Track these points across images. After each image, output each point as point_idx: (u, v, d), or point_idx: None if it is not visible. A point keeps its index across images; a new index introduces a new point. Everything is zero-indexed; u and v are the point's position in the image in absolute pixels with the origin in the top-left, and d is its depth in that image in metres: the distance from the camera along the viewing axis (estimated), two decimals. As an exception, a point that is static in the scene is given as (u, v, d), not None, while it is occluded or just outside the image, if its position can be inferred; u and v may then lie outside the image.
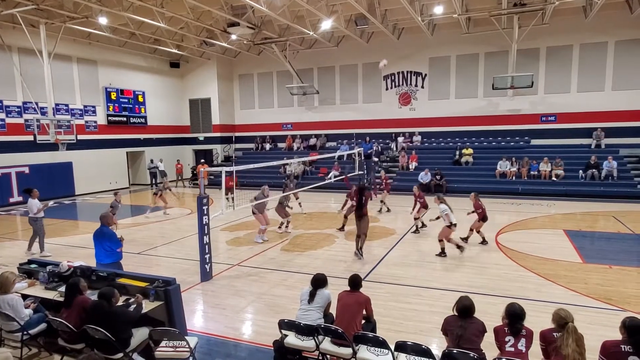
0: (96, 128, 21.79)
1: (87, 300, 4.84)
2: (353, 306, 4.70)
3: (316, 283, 5.00)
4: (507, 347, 3.88)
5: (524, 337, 3.88)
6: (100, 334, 4.34)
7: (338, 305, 4.77)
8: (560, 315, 3.85)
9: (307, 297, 4.93)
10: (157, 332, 4.59)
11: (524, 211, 14.39)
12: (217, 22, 18.82)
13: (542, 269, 8.26)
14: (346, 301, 4.75)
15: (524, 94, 20.00)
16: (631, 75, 18.50)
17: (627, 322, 3.76)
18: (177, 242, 11.19)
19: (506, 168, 18.70)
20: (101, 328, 4.34)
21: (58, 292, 5.50)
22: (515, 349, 3.84)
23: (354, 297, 4.78)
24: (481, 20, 19.09)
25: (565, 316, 3.81)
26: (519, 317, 3.94)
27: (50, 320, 4.89)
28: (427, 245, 10.34)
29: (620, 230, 11.62)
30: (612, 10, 17.69)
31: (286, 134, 25.63)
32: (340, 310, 4.71)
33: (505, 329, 3.96)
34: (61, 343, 4.87)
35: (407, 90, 22.57)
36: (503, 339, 3.93)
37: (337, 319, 4.74)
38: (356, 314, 4.67)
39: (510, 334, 3.90)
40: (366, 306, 4.80)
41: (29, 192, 10.17)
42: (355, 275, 5.00)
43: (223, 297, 7.24)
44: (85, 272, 5.74)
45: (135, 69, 23.95)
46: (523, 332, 3.90)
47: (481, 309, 4.27)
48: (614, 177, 17.04)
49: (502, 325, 4.03)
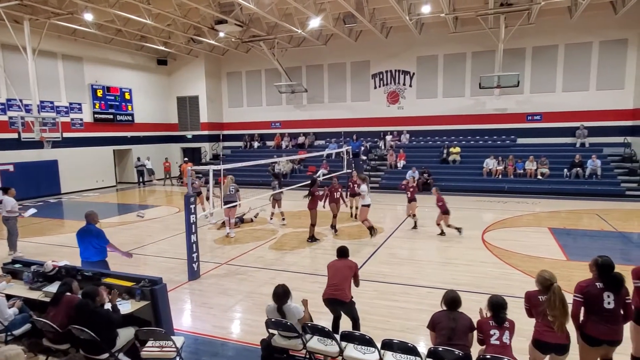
0: (82, 126, 21.49)
1: (75, 298, 4.79)
2: (344, 269, 5.29)
3: (279, 298, 4.61)
4: (493, 340, 3.93)
5: (507, 330, 3.95)
6: (86, 334, 4.31)
7: (330, 269, 5.34)
8: (544, 277, 3.96)
9: (277, 316, 4.62)
10: (143, 332, 4.57)
11: (510, 209, 14.57)
12: (205, 19, 18.70)
13: (526, 267, 8.38)
14: (337, 265, 5.35)
15: (510, 93, 20.23)
16: (615, 75, 18.84)
17: (599, 261, 4.01)
18: (164, 241, 11.12)
19: (493, 166, 18.91)
20: (86, 328, 4.30)
21: (43, 292, 5.44)
22: (500, 342, 3.91)
23: (344, 262, 5.41)
24: (468, 20, 19.25)
25: (550, 277, 3.92)
26: (502, 307, 4.01)
27: (34, 320, 4.83)
28: (414, 243, 10.44)
29: (604, 228, 11.84)
30: (596, 10, 17.97)
31: (275, 133, 25.58)
32: (333, 272, 5.27)
33: (490, 322, 4.01)
34: (46, 343, 4.81)
35: (395, 89, 22.68)
36: (488, 332, 3.98)
37: (329, 278, 5.26)
38: (347, 275, 5.25)
39: (495, 327, 3.96)
40: (355, 270, 5.36)
41: (5, 191, 10.05)
42: (343, 246, 5.66)
43: (210, 296, 7.23)
44: (71, 272, 5.69)
45: (122, 66, 23.67)
46: (506, 324, 3.97)
47: (467, 306, 4.32)
48: (597, 175, 17.35)
49: (485, 318, 4.09)
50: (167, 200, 18.74)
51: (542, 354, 3.97)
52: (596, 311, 3.89)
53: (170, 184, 23.77)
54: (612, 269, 3.95)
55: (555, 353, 3.92)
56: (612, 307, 3.85)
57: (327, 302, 5.25)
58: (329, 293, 5.18)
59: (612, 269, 3.95)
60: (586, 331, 3.97)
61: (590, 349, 3.99)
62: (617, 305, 3.86)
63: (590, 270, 4.12)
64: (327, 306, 5.31)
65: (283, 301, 4.62)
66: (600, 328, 3.87)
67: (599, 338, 3.89)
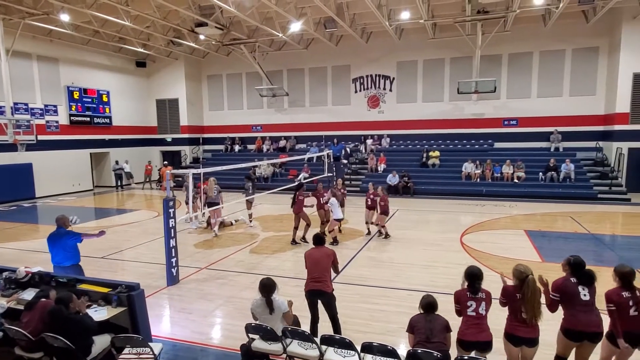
0: (58, 128, 20.99)
1: (49, 303, 4.68)
2: (323, 258, 5.47)
3: (266, 289, 4.70)
4: (470, 311, 4.18)
5: (483, 301, 4.19)
6: (59, 342, 4.21)
7: (309, 260, 5.50)
8: (519, 270, 4.14)
9: (264, 308, 4.70)
10: (120, 339, 4.49)
11: (488, 212, 14.85)
12: (185, 21, 18.53)
13: (504, 269, 8.48)
14: (316, 255, 5.51)
15: (487, 99, 20.67)
16: (587, 81, 19.44)
17: (571, 260, 4.30)
18: (143, 246, 10.94)
19: (471, 170, 19.25)
20: (60, 335, 4.21)
21: (15, 300, 5.29)
22: (476, 313, 4.17)
23: (322, 251, 5.57)
24: (446, 27, 19.60)
25: (525, 270, 4.12)
26: (477, 277, 4.25)
27: (6, 329, 4.70)
28: (393, 247, 10.53)
29: (577, 230, 12.17)
30: (569, 19, 18.53)
31: (256, 136, 25.48)
32: (313, 263, 5.44)
33: (467, 293, 4.24)
34: (18, 352, 4.68)
35: (376, 93, 22.89)
36: (465, 303, 4.21)
37: (309, 270, 5.44)
38: (327, 266, 5.47)
39: (472, 299, 4.19)
40: (333, 258, 5.57)
41: None
42: (318, 234, 5.94)
43: (190, 301, 7.15)
44: (44, 278, 5.55)
45: (100, 67, 23.24)
46: (482, 296, 4.20)
47: (445, 308, 4.41)
48: (571, 179, 17.84)
49: (463, 289, 4.31)
50: (146, 204, 18.44)
51: (514, 347, 4.16)
52: (574, 304, 4.13)
53: (150, 188, 23.40)
54: (584, 267, 4.20)
55: (526, 345, 4.12)
56: (588, 299, 4.10)
57: (310, 294, 5.38)
58: (312, 285, 5.35)
59: (583, 267, 4.20)
60: (568, 325, 4.17)
61: (569, 343, 4.19)
62: (592, 297, 4.11)
63: (563, 270, 4.38)
64: (309, 298, 5.41)
65: (271, 292, 4.73)
66: (580, 319, 4.09)
67: (580, 330, 4.09)
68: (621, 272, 4.12)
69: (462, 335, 4.18)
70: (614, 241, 11.34)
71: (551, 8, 16.82)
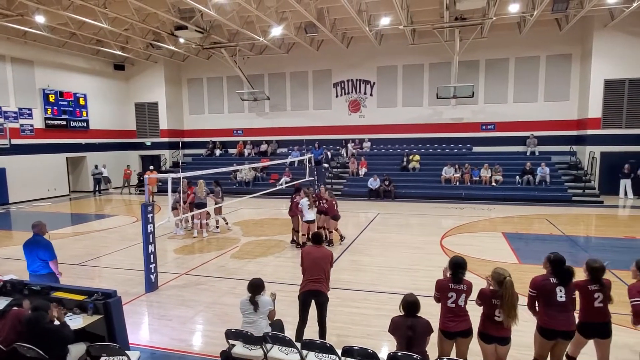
0: (32, 132, 20.45)
1: (22, 312, 4.54)
2: (322, 259, 5.44)
3: (254, 289, 4.85)
4: (449, 302, 4.31)
5: (464, 292, 4.31)
6: (33, 352, 4.10)
7: (308, 258, 5.44)
8: (498, 272, 4.24)
9: (249, 305, 4.82)
10: (96, 348, 4.40)
11: (467, 215, 15.08)
12: (164, 24, 18.32)
13: (482, 271, 8.66)
14: (315, 254, 5.46)
15: (465, 104, 21.04)
16: (560, 87, 20.01)
17: (551, 257, 4.41)
18: (121, 252, 10.73)
19: (450, 174, 19.53)
20: (36, 345, 4.09)
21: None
22: (456, 305, 4.30)
23: (321, 251, 5.54)
24: (425, 33, 19.90)
25: (503, 273, 4.21)
26: (460, 267, 4.37)
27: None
28: (374, 250, 10.59)
29: (553, 232, 12.46)
30: (543, 27, 19.06)
31: (237, 140, 25.34)
32: (312, 262, 5.39)
33: (449, 284, 4.35)
34: (-12, 364, 4.54)
35: (357, 98, 23.05)
36: (446, 293, 4.34)
37: (308, 270, 5.38)
38: (325, 265, 5.43)
39: (453, 290, 4.31)
40: (331, 259, 5.55)
41: None
42: (317, 232, 5.91)
43: (169, 308, 7.04)
44: (17, 286, 5.39)
45: (76, 70, 22.78)
46: (463, 287, 4.32)
47: (426, 310, 4.45)
48: (547, 182, 18.29)
49: (445, 279, 4.43)
50: (125, 210, 18.10)
51: (487, 344, 4.28)
52: (550, 304, 4.27)
53: (129, 193, 22.99)
54: (564, 263, 4.34)
55: (498, 344, 4.25)
56: (564, 300, 4.24)
57: (307, 294, 5.32)
58: (310, 285, 5.31)
59: (563, 263, 4.34)
60: (542, 324, 4.31)
61: (545, 341, 4.33)
62: (568, 298, 4.25)
63: (544, 267, 4.50)
64: (305, 299, 5.34)
65: (258, 292, 4.83)
66: (555, 319, 4.23)
67: (554, 329, 4.23)
68: (591, 267, 4.35)
69: (444, 326, 4.33)
70: (588, 242, 11.65)
71: (526, 16, 17.27)
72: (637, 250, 10.54)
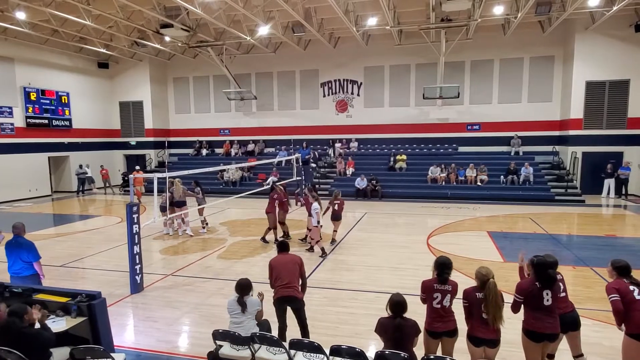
0: (13, 131, 20.01)
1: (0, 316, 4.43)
2: (290, 264, 5.31)
3: (242, 289, 4.81)
4: (435, 303, 4.34)
5: (449, 293, 4.34)
6: (14, 355, 4.00)
7: (276, 266, 5.31)
8: (481, 273, 4.25)
9: (237, 306, 4.79)
10: (80, 351, 4.32)
11: (453, 214, 15.23)
12: (150, 22, 18.11)
13: (468, 269, 8.76)
14: (283, 262, 5.34)
15: (451, 104, 21.25)
16: (543, 88, 20.35)
17: (534, 260, 4.39)
18: (105, 253, 10.57)
19: (437, 174, 19.71)
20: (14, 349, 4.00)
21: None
22: (441, 306, 4.34)
23: (288, 257, 5.43)
24: (412, 33, 20.03)
25: (487, 273, 4.22)
26: (446, 267, 4.40)
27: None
28: (362, 250, 10.62)
29: (536, 230, 12.67)
30: (527, 29, 19.34)
31: (224, 140, 25.17)
32: (280, 269, 5.26)
33: (434, 285, 4.38)
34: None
35: (344, 98, 23.10)
36: (432, 294, 4.36)
37: (278, 278, 5.24)
38: (295, 272, 5.29)
39: (438, 290, 4.34)
40: (300, 264, 5.39)
41: None
42: (283, 240, 5.77)
43: (155, 309, 6.96)
44: (-3, 290, 5.26)
45: (59, 68, 22.36)
46: (448, 288, 4.35)
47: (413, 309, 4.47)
48: (530, 182, 18.58)
49: (431, 279, 4.46)
50: (109, 210, 17.84)
51: (475, 347, 4.30)
52: (537, 308, 4.28)
53: (112, 193, 22.65)
54: (547, 267, 4.35)
55: (487, 346, 4.26)
56: (550, 304, 4.27)
57: (281, 301, 5.26)
58: (282, 292, 5.23)
59: (547, 267, 4.35)
60: (529, 327, 4.33)
61: (534, 345, 4.34)
62: (554, 301, 4.28)
63: (528, 269, 4.56)
64: (279, 306, 5.30)
65: (246, 292, 4.81)
66: (542, 323, 4.26)
67: (541, 332, 4.26)
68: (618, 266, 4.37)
69: (430, 326, 4.37)
70: (570, 241, 11.87)
71: (510, 18, 17.52)
72: (617, 248, 10.78)
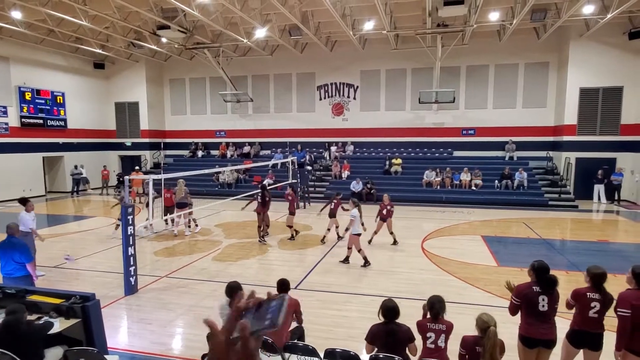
0: (7, 130, 19.89)
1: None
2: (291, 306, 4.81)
3: (231, 292, 4.67)
4: (429, 343, 4.18)
5: (443, 333, 4.17)
6: (7, 357, 3.99)
7: None
8: (482, 319, 4.05)
9: (228, 309, 4.70)
10: (73, 352, 4.30)
11: (447, 218, 15.30)
12: (146, 23, 18.08)
13: (462, 273, 8.84)
14: None
15: (447, 109, 21.36)
16: (538, 94, 20.52)
17: (535, 265, 4.38)
18: (100, 254, 10.53)
19: (432, 178, 19.78)
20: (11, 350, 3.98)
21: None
22: (435, 346, 4.14)
23: None
24: (408, 38, 20.15)
25: (487, 320, 4.01)
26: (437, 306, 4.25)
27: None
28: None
29: (530, 235, 12.75)
30: (522, 35, 19.52)
31: (219, 142, 25.15)
32: None
33: (427, 324, 4.23)
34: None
35: (340, 101, 23.17)
36: (425, 334, 4.20)
37: None
38: (288, 320, 4.67)
39: (432, 330, 4.18)
40: (295, 310, 4.94)
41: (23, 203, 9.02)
42: (284, 279, 5.10)
43: (149, 311, 6.94)
44: (-9, 290, 5.24)
45: (55, 68, 22.27)
46: (443, 327, 4.18)
47: (407, 312, 4.50)
48: (524, 187, 18.69)
49: (424, 319, 4.33)
50: (104, 211, 17.74)
51: None
52: (532, 313, 4.28)
53: (107, 194, 22.54)
54: (548, 271, 4.35)
55: None
56: (546, 310, 4.25)
57: None
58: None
59: (547, 271, 4.35)
60: (524, 333, 4.34)
61: (528, 351, 4.35)
62: (550, 308, 4.26)
63: (529, 275, 4.49)
64: None
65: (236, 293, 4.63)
66: (536, 328, 4.25)
67: (535, 338, 4.26)
68: (593, 274, 4.31)
69: None
70: (564, 246, 11.96)
71: (505, 24, 17.66)
72: (610, 253, 10.89)
